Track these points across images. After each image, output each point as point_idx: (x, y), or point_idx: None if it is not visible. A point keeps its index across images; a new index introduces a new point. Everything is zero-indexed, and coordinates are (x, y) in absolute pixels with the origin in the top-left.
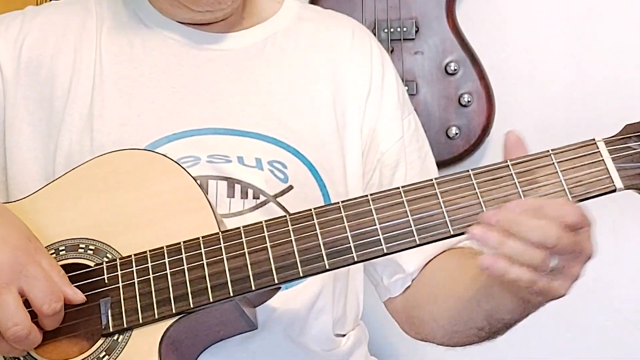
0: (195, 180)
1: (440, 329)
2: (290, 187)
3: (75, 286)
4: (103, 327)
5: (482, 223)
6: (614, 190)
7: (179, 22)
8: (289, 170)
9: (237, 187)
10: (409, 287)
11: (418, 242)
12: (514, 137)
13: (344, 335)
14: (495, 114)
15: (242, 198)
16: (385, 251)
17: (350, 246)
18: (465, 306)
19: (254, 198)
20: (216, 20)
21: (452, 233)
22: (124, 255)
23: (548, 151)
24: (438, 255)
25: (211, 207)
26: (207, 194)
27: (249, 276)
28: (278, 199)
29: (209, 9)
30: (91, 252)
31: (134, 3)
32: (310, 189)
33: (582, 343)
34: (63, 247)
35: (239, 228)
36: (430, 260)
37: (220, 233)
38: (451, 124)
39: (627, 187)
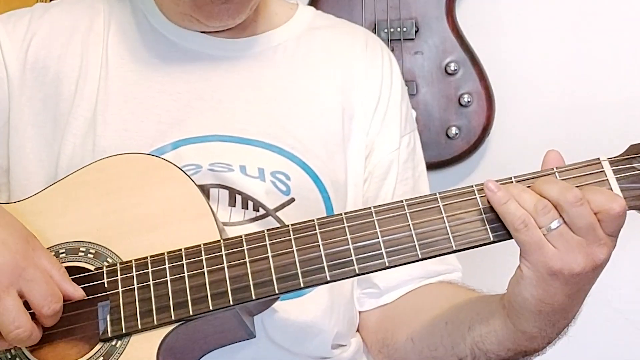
0: (198, 187)
1: (416, 353)
2: (292, 200)
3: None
4: (101, 332)
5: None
6: None
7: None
8: (292, 182)
9: (238, 197)
10: (386, 306)
11: (420, 257)
12: (555, 154)
13: (344, 345)
14: (495, 114)
15: (243, 208)
16: (387, 264)
17: (352, 259)
18: (455, 330)
19: (254, 210)
20: (228, 28)
21: (454, 248)
22: (124, 260)
23: (553, 169)
24: (430, 284)
25: (213, 214)
26: (209, 201)
27: (249, 285)
28: (278, 213)
29: (221, 25)
30: (91, 255)
31: (143, 5)
32: (312, 201)
33: (582, 343)
34: (63, 250)
35: (240, 236)
36: (418, 287)
37: (221, 241)
38: (451, 124)
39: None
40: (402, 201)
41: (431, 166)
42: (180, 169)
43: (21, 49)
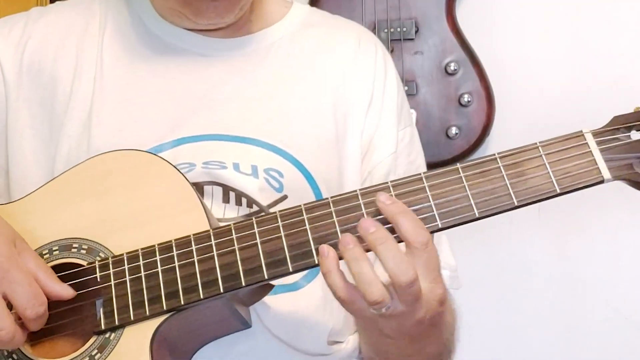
0: (189, 181)
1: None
2: (285, 197)
3: (67, 285)
4: (96, 324)
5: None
6: (602, 182)
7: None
8: (285, 179)
9: (232, 194)
10: None
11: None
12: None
13: (341, 342)
14: (495, 114)
15: (236, 205)
16: None
17: (339, 241)
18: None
19: (247, 206)
20: (220, 27)
21: (440, 226)
22: (116, 254)
23: (536, 143)
24: None
25: (204, 207)
26: (203, 197)
27: (239, 272)
28: (271, 209)
29: (210, 22)
30: (84, 251)
31: (138, 6)
32: (305, 199)
33: (582, 343)
34: (56, 248)
35: (229, 225)
36: None
37: (211, 230)
38: (451, 124)
39: (615, 178)
40: (387, 182)
41: (431, 166)
42: (170, 164)
43: (17, 52)
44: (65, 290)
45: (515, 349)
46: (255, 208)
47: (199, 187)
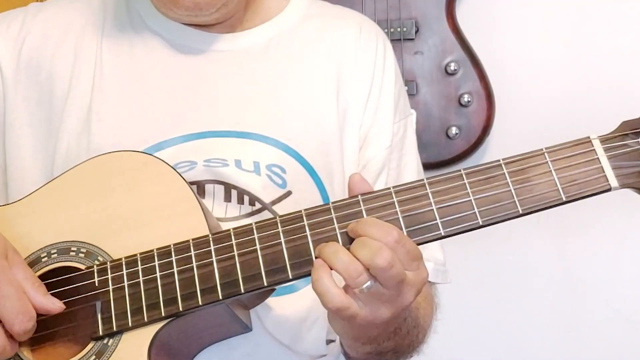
0: (187, 183)
1: None
2: (289, 193)
3: (65, 289)
4: (93, 330)
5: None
6: (609, 190)
7: (181, 23)
8: (288, 175)
9: (234, 192)
10: None
11: None
12: (357, 176)
13: (334, 340)
14: (495, 114)
15: (238, 203)
16: None
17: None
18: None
19: (250, 204)
20: (209, 23)
21: (443, 234)
22: (115, 258)
23: (542, 150)
24: None
25: (202, 209)
26: (205, 197)
27: (238, 279)
28: (275, 206)
29: (189, 14)
30: (82, 255)
31: (138, 4)
32: (309, 194)
33: (582, 343)
34: (55, 251)
35: (228, 230)
36: None
37: (210, 235)
38: (451, 124)
39: (623, 186)
40: (389, 188)
41: (431, 166)
42: (169, 165)
43: (15, 48)
44: (53, 305)
45: (515, 349)
46: (257, 206)
47: (200, 186)
